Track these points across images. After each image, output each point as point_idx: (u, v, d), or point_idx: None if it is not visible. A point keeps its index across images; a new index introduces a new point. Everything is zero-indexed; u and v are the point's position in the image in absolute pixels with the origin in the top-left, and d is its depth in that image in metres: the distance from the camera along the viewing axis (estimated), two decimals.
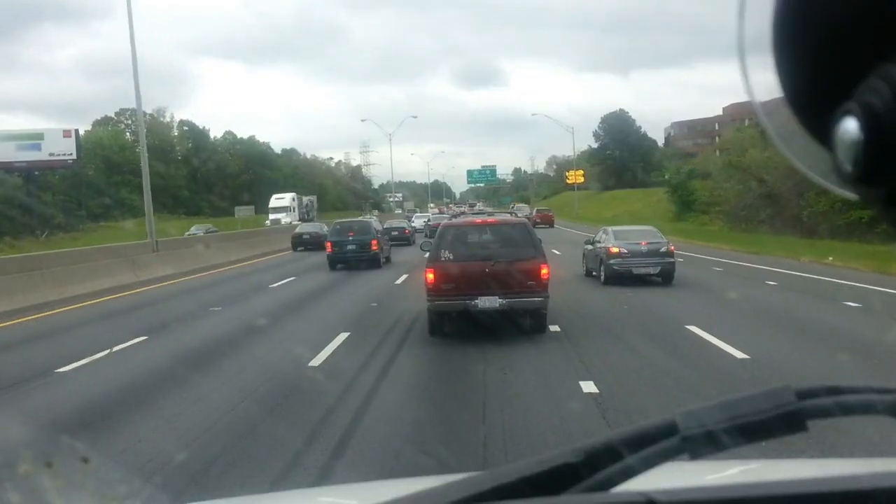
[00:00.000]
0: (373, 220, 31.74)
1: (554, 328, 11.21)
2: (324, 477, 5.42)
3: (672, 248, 18.35)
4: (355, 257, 23.63)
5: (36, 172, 59.28)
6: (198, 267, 25.84)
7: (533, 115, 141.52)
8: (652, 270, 17.69)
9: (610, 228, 19.56)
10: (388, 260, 25.90)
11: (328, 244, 24.71)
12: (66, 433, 6.52)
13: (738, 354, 9.16)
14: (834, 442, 5.15)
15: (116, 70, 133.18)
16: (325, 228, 30.80)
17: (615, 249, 17.82)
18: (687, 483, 0.91)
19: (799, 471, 1.88)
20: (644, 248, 17.85)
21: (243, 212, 65.06)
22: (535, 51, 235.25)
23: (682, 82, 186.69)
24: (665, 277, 17.68)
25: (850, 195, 0.57)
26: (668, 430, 0.74)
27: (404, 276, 20.35)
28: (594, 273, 18.91)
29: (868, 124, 0.52)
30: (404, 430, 6.62)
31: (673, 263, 17.85)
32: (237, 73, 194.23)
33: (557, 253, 25.58)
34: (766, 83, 0.59)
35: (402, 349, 10.28)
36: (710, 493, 0.87)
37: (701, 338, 10.44)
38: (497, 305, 10.57)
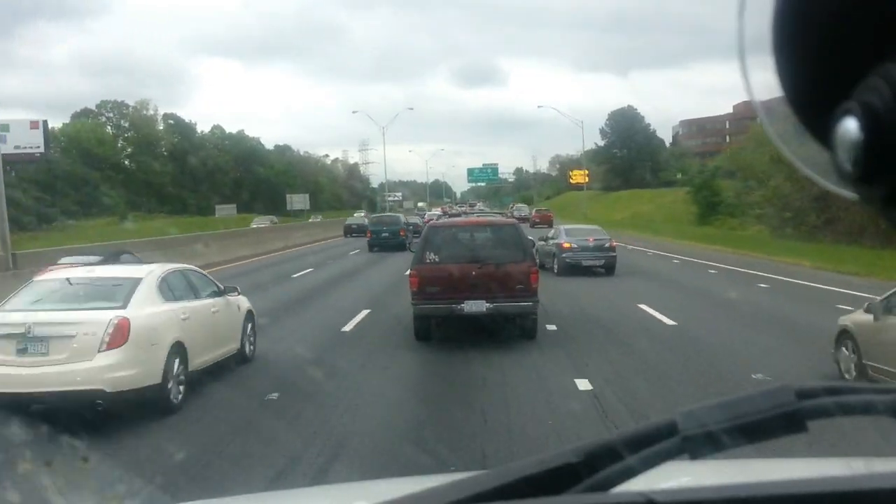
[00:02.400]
0: (401, 216, 42.38)
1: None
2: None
3: (614, 243, 21.10)
4: (388, 242, 30.69)
5: (7, 167, 57.02)
6: None
7: (539, 106, 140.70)
8: (597, 263, 20.40)
9: (562, 227, 22.85)
10: (411, 245, 30.86)
11: (368, 232, 33.74)
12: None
13: None
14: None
15: (110, 67, 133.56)
16: (367, 220, 41.91)
17: (567, 245, 20.55)
18: (687, 483, 0.91)
19: (799, 471, 1.88)
20: (591, 243, 20.65)
21: (224, 211, 59.46)
22: (535, 50, 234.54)
23: (683, 82, 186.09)
24: (608, 269, 20.29)
25: (850, 195, 0.57)
26: (669, 431, 0.74)
27: (364, 314, 13.38)
28: (546, 265, 20.43)
29: (868, 124, 0.52)
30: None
31: (614, 257, 20.62)
32: (235, 72, 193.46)
33: None
34: (766, 83, 0.59)
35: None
36: (709, 494, 0.87)
37: None
38: (484, 310, 10.18)
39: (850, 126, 0.54)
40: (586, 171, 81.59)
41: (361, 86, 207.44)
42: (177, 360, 7.48)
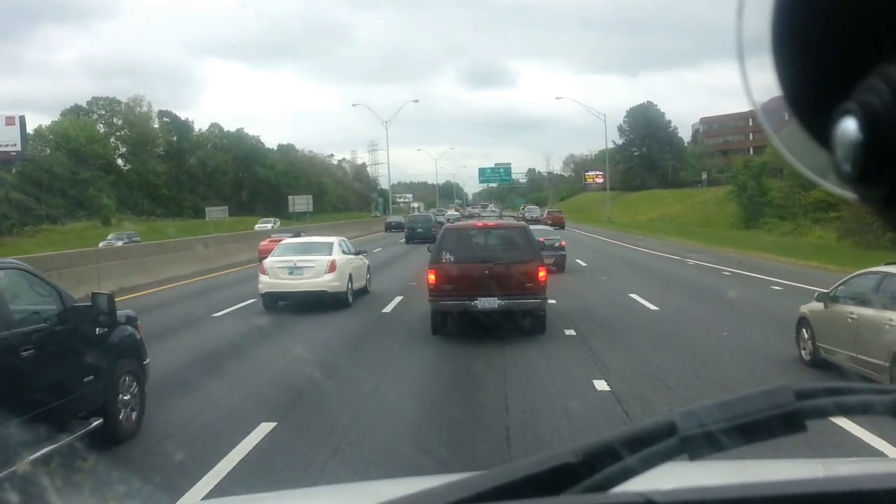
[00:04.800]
0: (431, 215, 52.75)
1: None
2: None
3: (563, 242, 22.82)
4: (421, 236, 37.36)
5: None
6: None
7: (557, 98, 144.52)
8: (548, 261, 21.65)
9: None
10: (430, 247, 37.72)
11: (405, 229, 43.18)
12: None
13: None
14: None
15: (112, 69, 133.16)
16: (404, 220, 53.15)
17: None
18: (686, 483, 0.91)
19: (798, 471, 1.88)
20: (543, 243, 21.16)
21: (215, 213, 54.52)
22: (544, 51, 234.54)
23: (694, 82, 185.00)
24: (559, 267, 21.56)
25: (849, 195, 0.57)
26: (668, 431, 0.74)
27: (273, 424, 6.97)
28: None
29: (867, 124, 0.52)
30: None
31: (564, 256, 22.32)
32: (239, 73, 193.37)
33: None
34: (765, 83, 0.59)
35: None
36: (708, 494, 0.87)
37: None
38: (496, 306, 10.90)
39: (849, 126, 0.54)
40: (600, 172, 78.34)
41: (369, 87, 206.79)
42: (350, 283, 15.65)
